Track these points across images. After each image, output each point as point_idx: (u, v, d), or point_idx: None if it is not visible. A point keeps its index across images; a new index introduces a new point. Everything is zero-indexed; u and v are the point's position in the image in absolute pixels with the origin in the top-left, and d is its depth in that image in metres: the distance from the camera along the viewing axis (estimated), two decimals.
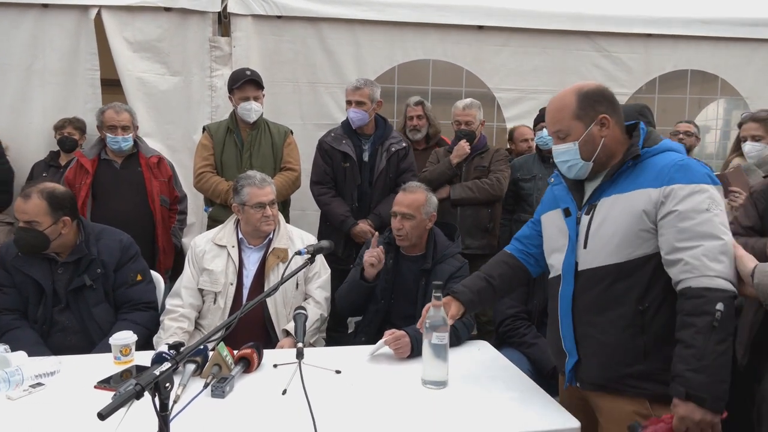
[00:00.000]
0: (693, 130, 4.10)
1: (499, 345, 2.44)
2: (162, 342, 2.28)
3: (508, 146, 4.30)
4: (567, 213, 1.71)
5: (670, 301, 1.53)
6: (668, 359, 1.51)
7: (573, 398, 1.79)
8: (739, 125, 3.29)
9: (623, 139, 1.65)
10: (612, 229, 1.59)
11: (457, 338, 2.25)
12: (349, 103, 3.28)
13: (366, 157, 3.32)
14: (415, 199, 2.46)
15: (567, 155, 1.65)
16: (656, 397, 1.58)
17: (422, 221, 2.47)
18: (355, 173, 3.29)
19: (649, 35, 4.31)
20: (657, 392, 1.56)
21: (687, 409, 1.41)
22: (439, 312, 1.79)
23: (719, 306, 1.41)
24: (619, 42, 4.29)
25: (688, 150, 4.11)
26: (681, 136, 4.07)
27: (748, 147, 3.14)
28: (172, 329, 2.35)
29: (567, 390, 1.80)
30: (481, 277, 1.94)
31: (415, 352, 2.06)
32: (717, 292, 1.43)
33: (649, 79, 4.40)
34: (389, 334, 2.07)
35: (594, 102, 1.62)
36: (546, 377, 2.23)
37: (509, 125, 4.35)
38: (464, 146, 3.42)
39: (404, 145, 3.40)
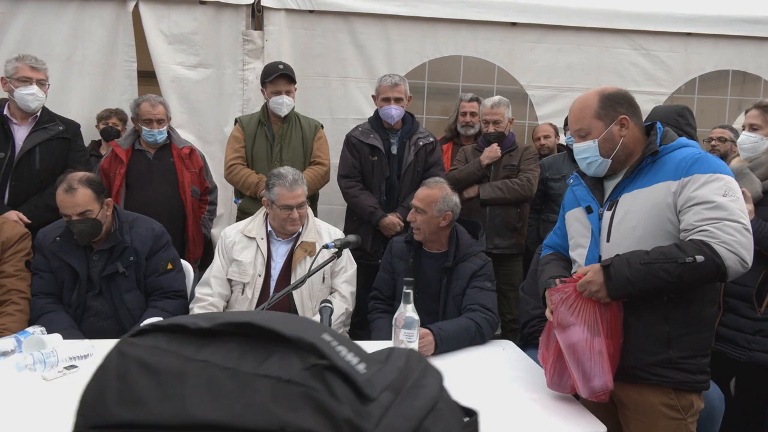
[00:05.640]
0: (728, 136, 3.91)
1: (524, 345, 2.42)
2: None
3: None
4: (589, 210, 1.78)
5: (692, 291, 1.60)
6: (692, 347, 1.62)
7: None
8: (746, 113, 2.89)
9: (642, 139, 1.74)
10: (634, 222, 1.65)
11: (481, 336, 2.24)
12: (387, 100, 3.27)
13: (394, 150, 3.33)
14: (428, 194, 2.46)
15: (587, 152, 1.74)
16: (680, 384, 1.63)
17: (433, 218, 2.45)
18: (383, 166, 3.30)
19: (689, 34, 4.19)
20: (681, 380, 1.63)
21: (594, 273, 1.59)
22: (408, 310, 1.82)
23: (699, 258, 1.47)
24: (658, 40, 4.18)
25: (724, 156, 3.95)
26: (714, 142, 3.90)
27: (741, 137, 2.76)
28: None
29: None
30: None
31: (439, 349, 2.06)
32: (715, 256, 1.47)
33: (689, 79, 4.28)
34: None
35: (615, 103, 1.71)
36: None
37: (542, 124, 4.30)
38: (496, 150, 3.41)
39: (431, 139, 3.40)
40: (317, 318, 2.29)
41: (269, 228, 2.58)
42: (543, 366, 1.76)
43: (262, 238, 2.55)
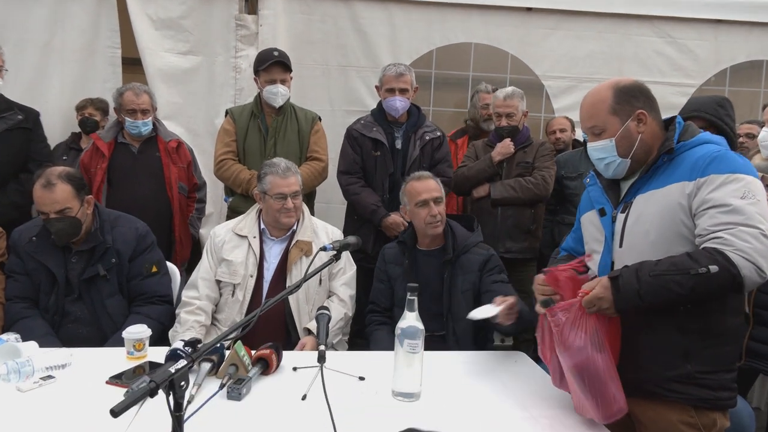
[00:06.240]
0: (756, 131, 3.89)
1: (537, 357, 2.41)
2: (178, 336, 2.32)
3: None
4: (602, 213, 1.77)
5: (710, 301, 1.56)
6: (713, 362, 1.59)
7: None
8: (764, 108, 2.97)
9: (661, 135, 1.71)
10: (647, 225, 1.63)
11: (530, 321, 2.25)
12: (391, 91, 3.26)
13: (399, 144, 3.32)
14: (435, 183, 2.59)
15: (603, 152, 1.71)
16: (700, 402, 1.60)
17: (446, 203, 2.63)
18: (387, 161, 3.29)
19: (720, 21, 4.17)
20: (701, 397, 1.59)
21: (604, 289, 1.54)
22: (412, 318, 1.79)
23: (713, 268, 1.44)
24: (686, 27, 4.17)
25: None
26: (742, 139, 3.88)
27: (762, 134, 2.77)
28: (189, 323, 2.39)
29: None
30: None
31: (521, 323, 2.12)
32: (730, 265, 1.43)
33: (719, 70, 4.26)
34: (502, 301, 2.08)
35: (631, 97, 1.68)
36: None
37: (557, 116, 4.28)
38: (508, 145, 3.39)
39: (439, 134, 3.39)
40: (313, 324, 2.28)
41: (262, 226, 2.58)
42: (546, 363, 1.75)
43: (254, 237, 2.54)
